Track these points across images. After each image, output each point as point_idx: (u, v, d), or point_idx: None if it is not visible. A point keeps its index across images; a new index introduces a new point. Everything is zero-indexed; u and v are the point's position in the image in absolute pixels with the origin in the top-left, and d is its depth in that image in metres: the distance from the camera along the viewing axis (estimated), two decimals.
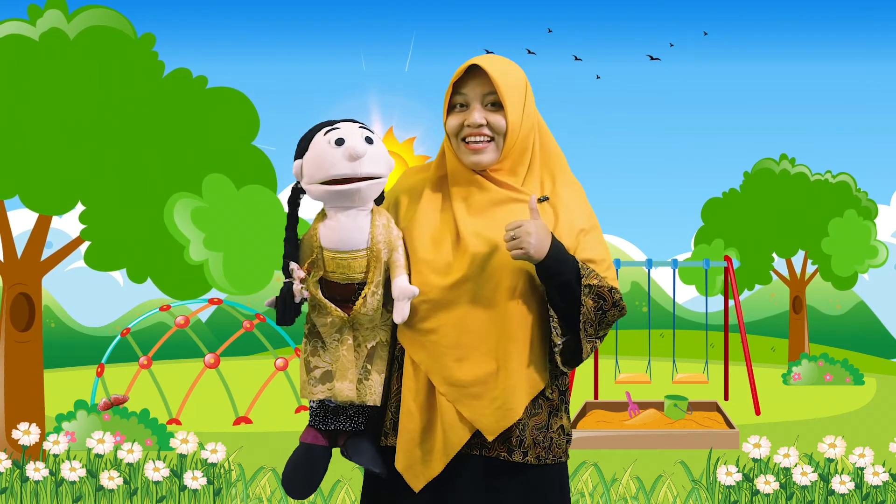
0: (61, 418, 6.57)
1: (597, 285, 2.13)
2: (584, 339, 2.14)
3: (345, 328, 2.14)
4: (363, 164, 2.06)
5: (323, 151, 2.07)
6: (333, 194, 2.08)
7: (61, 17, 5.96)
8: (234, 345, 8.65)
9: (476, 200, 2.17)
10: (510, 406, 2.11)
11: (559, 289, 2.10)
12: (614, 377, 8.31)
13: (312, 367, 2.17)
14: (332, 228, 2.11)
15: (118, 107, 5.98)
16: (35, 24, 5.91)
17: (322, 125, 2.13)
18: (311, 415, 2.21)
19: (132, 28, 6.11)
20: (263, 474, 5.15)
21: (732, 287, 8.83)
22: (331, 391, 2.14)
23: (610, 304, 2.15)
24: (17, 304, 6.35)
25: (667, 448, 6.44)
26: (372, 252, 2.11)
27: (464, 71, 2.16)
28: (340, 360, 2.14)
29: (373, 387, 2.15)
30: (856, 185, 12.46)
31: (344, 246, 2.11)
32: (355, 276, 2.12)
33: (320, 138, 2.09)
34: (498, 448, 2.15)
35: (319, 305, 2.14)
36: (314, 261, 2.13)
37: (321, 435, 2.20)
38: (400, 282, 2.11)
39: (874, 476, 4.78)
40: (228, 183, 6.26)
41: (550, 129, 2.28)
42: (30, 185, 5.87)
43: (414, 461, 2.14)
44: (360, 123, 2.13)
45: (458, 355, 2.12)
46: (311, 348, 2.18)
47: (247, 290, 6.46)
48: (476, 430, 2.13)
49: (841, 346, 14.44)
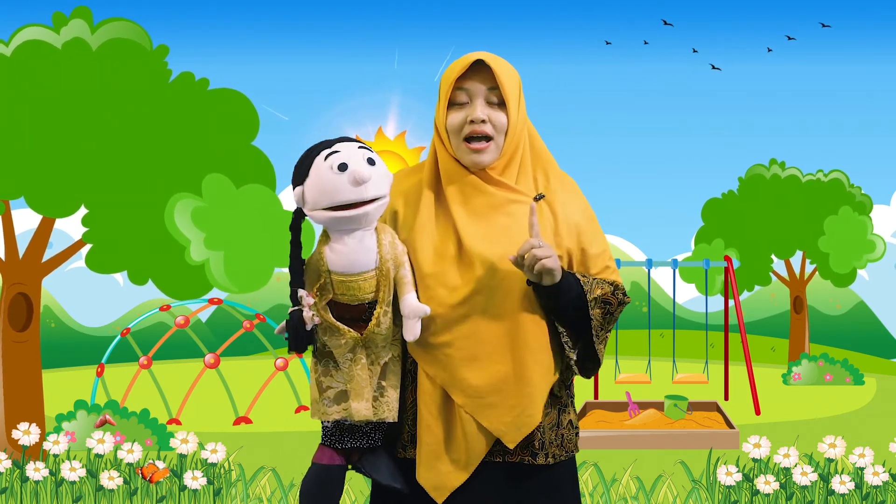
0: (61, 418, 6.57)
1: (601, 295, 2.14)
2: (597, 345, 2.16)
3: (358, 347, 2.10)
4: (368, 188, 2.01)
5: (325, 178, 2.01)
6: (340, 220, 2.03)
7: (86, 28, 6.01)
8: (234, 345, 8.65)
9: (475, 204, 2.14)
10: (529, 413, 2.11)
11: (566, 306, 2.11)
12: (614, 377, 8.31)
13: (325, 387, 2.12)
14: (339, 252, 2.06)
15: (127, 114, 6.06)
16: (59, 32, 5.97)
17: (319, 147, 2.07)
18: (325, 434, 2.16)
19: (149, 40, 6.18)
20: (263, 474, 5.15)
21: (732, 287, 8.84)
22: (346, 411, 2.10)
23: (615, 305, 2.17)
24: (16, 304, 6.35)
25: (667, 448, 6.44)
26: (381, 271, 2.07)
27: (466, 67, 2.13)
28: (355, 379, 2.09)
29: (389, 403, 2.11)
30: (849, 181, 12.46)
31: (353, 269, 2.06)
32: (365, 297, 2.08)
33: (321, 163, 2.03)
34: (521, 453, 2.14)
35: (331, 328, 2.09)
36: (322, 285, 2.08)
37: (337, 454, 2.16)
38: (409, 300, 2.08)
39: (874, 476, 4.78)
40: (228, 183, 6.27)
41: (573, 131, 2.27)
42: (36, 187, 5.92)
43: (436, 473, 2.12)
44: (357, 142, 2.08)
45: (472, 366, 2.09)
46: (322, 368, 2.13)
47: (248, 287, 6.48)
48: (497, 438, 2.12)
49: (841, 346, 14.44)
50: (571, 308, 2.11)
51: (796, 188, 12.44)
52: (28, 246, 6.39)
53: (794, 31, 15.60)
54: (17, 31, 5.95)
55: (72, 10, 6.04)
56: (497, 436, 2.11)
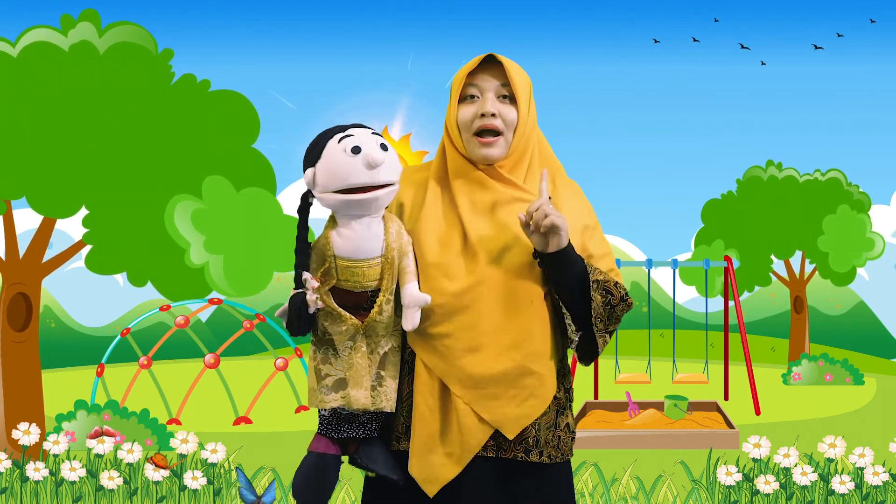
0: (61, 418, 6.57)
1: (603, 280, 2.16)
2: (597, 334, 2.16)
3: (358, 335, 2.10)
4: (380, 172, 2.02)
5: (339, 160, 2.02)
6: (350, 203, 2.04)
7: (93, 31, 6.02)
8: (234, 345, 8.65)
9: (481, 200, 2.16)
10: (530, 404, 2.12)
11: (572, 281, 2.12)
12: (614, 377, 8.31)
13: (324, 374, 2.11)
14: (346, 237, 2.06)
15: (129, 116, 6.07)
16: (66, 35, 5.97)
17: (332, 131, 2.08)
18: (322, 423, 2.15)
19: (155, 44, 6.19)
20: (263, 474, 5.15)
21: (732, 287, 8.84)
22: (345, 399, 2.09)
23: (618, 299, 2.18)
24: (15, 304, 6.35)
25: (667, 448, 6.44)
26: (386, 259, 2.08)
27: (478, 63, 2.16)
28: (354, 367, 2.09)
29: (387, 393, 2.11)
30: (846, 180, 12.46)
31: (359, 254, 2.06)
32: (369, 284, 2.08)
33: (334, 146, 2.04)
34: (514, 449, 2.14)
35: (333, 314, 2.09)
36: (327, 270, 2.08)
37: (332, 443, 2.15)
38: (410, 289, 2.08)
39: (874, 476, 4.78)
40: (228, 185, 6.27)
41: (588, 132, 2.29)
42: (37, 187, 5.93)
43: (429, 466, 2.12)
44: (371, 129, 2.08)
45: (472, 357, 2.10)
46: (321, 356, 2.12)
47: (247, 291, 6.48)
48: (493, 432, 2.12)
49: (841, 346, 14.43)
50: (577, 284, 2.12)
51: (794, 188, 12.45)
52: (28, 246, 6.39)
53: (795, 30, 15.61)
54: (24, 32, 5.96)
55: (79, 12, 6.04)
56: (496, 427, 2.11)
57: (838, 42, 14.97)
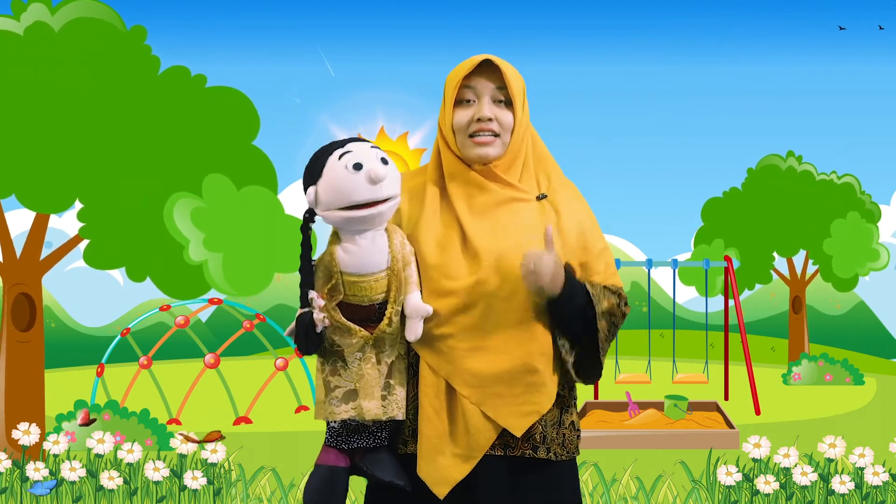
0: (61, 418, 6.57)
1: (608, 309, 2.17)
2: (602, 355, 2.18)
3: (367, 346, 2.09)
4: (383, 187, 2.01)
5: (341, 177, 2.00)
6: (354, 220, 2.02)
7: (45, 11, 5.90)
8: (234, 345, 8.65)
9: (478, 202, 2.15)
10: (536, 400, 2.12)
11: (571, 318, 2.13)
12: (614, 377, 8.31)
13: (333, 386, 2.10)
14: (352, 253, 2.05)
15: (112, 102, 5.93)
16: (19, 19, 5.86)
17: (330, 147, 2.06)
18: (331, 435, 2.14)
19: (121, 20, 6.05)
20: (263, 474, 5.15)
21: (732, 287, 8.84)
22: (356, 410, 2.08)
23: (620, 318, 2.20)
24: (18, 304, 6.35)
25: (667, 448, 6.44)
26: (392, 271, 2.07)
27: (474, 66, 2.15)
28: (364, 378, 2.08)
29: (397, 401, 2.11)
30: (860, 188, 12.46)
31: (366, 269, 2.05)
32: (376, 297, 2.07)
33: (335, 163, 2.02)
34: (522, 446, 2.15)
35: (342, 328, 2.08)
36: (334, 286, 2.07)
37: (342, 455, 2.14)
38: (413, 299, 2.08)
39: (874, 476, 4.78)
40: (228, 183, 6.25)
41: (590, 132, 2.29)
42: (25, 183, 5.84)
43: (438, 467, 2.11)
44: (369, 142, 2.07)
45: (476, 356, 2.10)
46: (329, 368, 2.11)
47: (246, 291, 6.46)
48: (500, 431, 2.13)
49: (841, 346, 14.43)
50: (576, 319, 2.14)
51: (808, 185, 12.39)
52: (25, 245, 6.36)
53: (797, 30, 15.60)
54: None
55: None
56: (503, 425, 2.11)
57: (841, 34, 14.96)
